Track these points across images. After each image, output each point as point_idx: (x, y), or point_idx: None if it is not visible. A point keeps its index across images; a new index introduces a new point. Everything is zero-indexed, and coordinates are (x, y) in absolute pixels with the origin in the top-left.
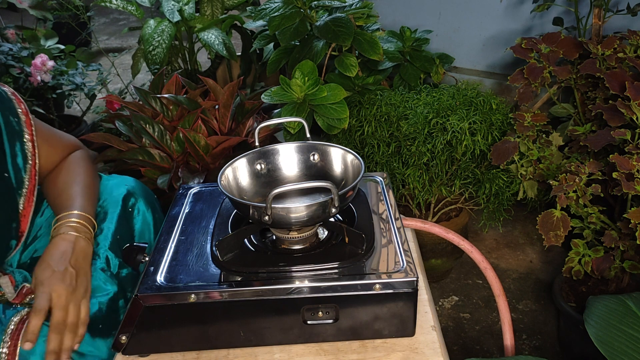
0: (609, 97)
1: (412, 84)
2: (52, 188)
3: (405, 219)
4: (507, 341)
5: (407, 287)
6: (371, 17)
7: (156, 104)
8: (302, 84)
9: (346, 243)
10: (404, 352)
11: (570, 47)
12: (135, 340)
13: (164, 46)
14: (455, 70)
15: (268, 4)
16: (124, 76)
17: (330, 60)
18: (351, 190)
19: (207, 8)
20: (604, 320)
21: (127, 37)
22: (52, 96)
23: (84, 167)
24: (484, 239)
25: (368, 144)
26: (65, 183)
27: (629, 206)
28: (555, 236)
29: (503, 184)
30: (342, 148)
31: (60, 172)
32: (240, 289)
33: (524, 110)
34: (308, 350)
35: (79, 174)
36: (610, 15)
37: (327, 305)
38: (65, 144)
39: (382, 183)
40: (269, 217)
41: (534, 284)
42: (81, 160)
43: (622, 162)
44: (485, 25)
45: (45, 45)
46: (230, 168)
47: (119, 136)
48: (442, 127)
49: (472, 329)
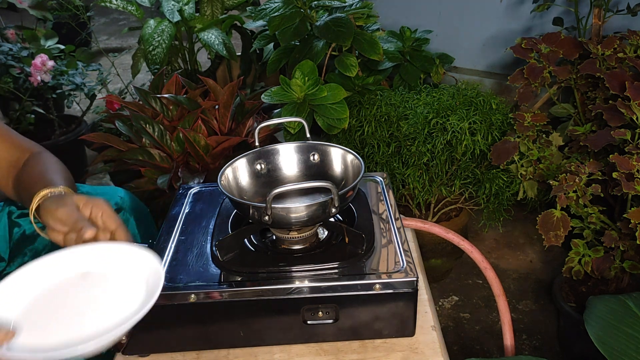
0: (609, 97)
1: (412, 84)
2: (25, 180)
3: (405, 219)
4: (507, 341)
5: (407, 287)
6: (371, 17)
7: (156, 104)
8: (302, 84)
9: (346, 243)
10: (404, 352)
11: (570, 47)
12: (135, 340)
13: (164, 46)
14: (455, 70)
15: (268, 4)
16: (124, 76)
17: (330, 60)
18: (351, 190)
19: (207, 8)
20: (604, 320)
21: (127, 37)
22: (52, 96)
23: (56, 160)
24: (484, 239)
25: (368, 144)
26: (40, 172)
27: (629, 206)
28: (555, 236)
29: (503, 184)
30: (342, 148)
31: (33, 165)
32: (240, 289)
33: (524, 110)
34: (308, 350)
35: (54, 162)
36: (610, 15)
37: (327, 305)
38: (26, 146)
39: (382, 183)
40: (269, 217)
41: (534, 284)
42: (51, 157)
43: (622, 162)
44: (485, 25)
45: (45, 45)
46: (230, 168)
47: (119, 136)
48: (442, 127)
49: (472, 329)
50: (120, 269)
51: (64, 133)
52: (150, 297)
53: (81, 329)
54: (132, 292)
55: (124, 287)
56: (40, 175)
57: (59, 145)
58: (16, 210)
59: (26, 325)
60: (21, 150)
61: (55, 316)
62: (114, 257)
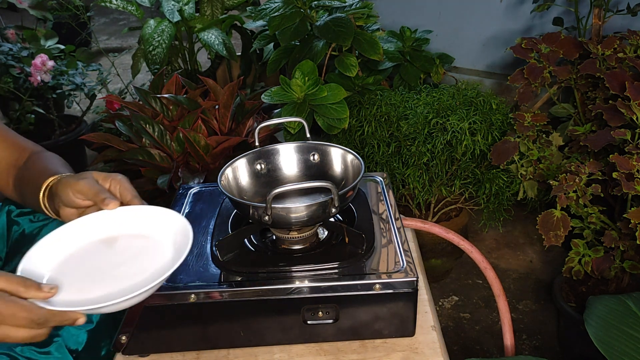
0: (609, 97)
1: (412, 84)
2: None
3: (405, 219)
4: (507, 341)
5: (407, 287)
6: (371, 17)
7: (156, 104)
8: (302, 84)
9: (346, 243)
10: (404, 352)
11: (570, 47)
12: (135, 340)
13: (164, 46)
14: (455, 70)
15: (268, 4)
16: (124, 76)
17: (330, 60)
18: (351, 190)
19: (207, 8)
20: (604, 320)
21: (127, 37)
22: (52, 96)
23: (58, 157)
24: (484, 239)
25: (368, 144)
26: (44, 166)
27: (629, 206)
28: (555, 236)
29: (503, 184)
30: (342, 148)
31: (35, 161)
32: (240, 289)
33: (524, 110)
34: (308, 350)
35: (56, 158)
36: (610, 15)
37: (327, 305)
38: (25, 146)
39: (382, 183)
40: (269, 217)
41: (534, 284)
42: (52, 154)
43: (622, 162)
44: (485, 25)
45: (45, 45)
46: (230, 168)
47: (119, 136)
48: (442, 127)
49: (472, 329)
50: (147, 229)
51: (64, 133)
52: (181, 251)
53: (116, 285)
54: (162, 249)
55: (153, 244)
56: (45, 168)
57: (59, 145)
58: (15, 209)
59: (61, 283)
60: (21, 150)
61: (89, 274)
62: (141, 219)
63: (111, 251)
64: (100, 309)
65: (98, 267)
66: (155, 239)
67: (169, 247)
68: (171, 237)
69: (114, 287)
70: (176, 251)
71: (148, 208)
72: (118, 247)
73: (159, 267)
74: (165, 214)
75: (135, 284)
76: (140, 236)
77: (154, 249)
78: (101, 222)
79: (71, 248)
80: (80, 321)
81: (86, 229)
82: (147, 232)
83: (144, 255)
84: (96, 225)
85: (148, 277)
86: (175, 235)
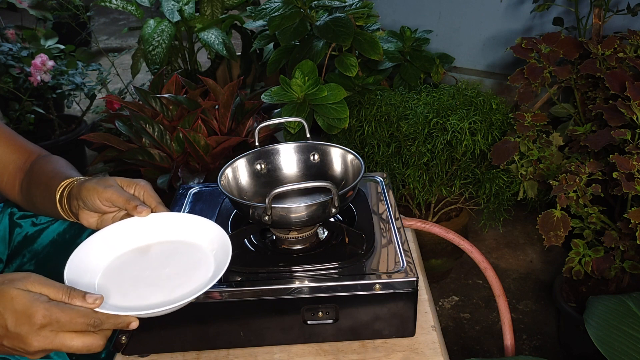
0: (609, 97)
1: (412, 84)
2: (36, 180)
3: (405, 219)
4: (507, 341)
5: (407, 287)
6: (371, 17)
7: (156, 104)
8: (302, 83)
9: (346, 243)
10: (404, 352)
11: (570, 47)
12: (135, 340)
13: (164, 46)
14: (455, 70)
15: (268, 4)
16: (124, 76)
17: (330, 60)
18: (351, 190)
19: (207, 8)
20: (604, 320)
21: (127, 37)
22: (52, 96)
23: (65, 161)
24: (484, 239)
25: (368, 144)
26: (55, 169)
27: (629, 206)
28: (555, 236)
29: (503, 184)
30: (342, 148)
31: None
32: (240, 289)
33: (524, 110)
34: (308, 350)
35: (64, 162)
36: (610, 15)
37: (327, 305)
38: (32, 150)
39: (382, 183)
40: (269, 217)
41: (534, 284)
42: (59, 158)
43: (622, 162)
44: (485, 25)
45: (45, 45)
46: (230, 168)
47: (119, 136)
48: (442, 127)
49: (472, 329)
50: (186, 237)
51: (64, 133)
52: (223, 263)
53: (161, 291)
54: (199, 255)
55: (193, 252)
56: (55, 171)
57: (59, 145)
58: (17, 211)
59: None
60: (28, 153)
61: (133, 280)
62: (175, 225)
63: (150, 258)
64: (153, 314)
65: (139, 274)
66: (190, 245)
67: (206, 253)
68: (207, 243)
69: (159, 292)
70: (215, 257)
71: (180, 215)
72: (155, 254)
73: (201, 273)
74: (197, 221)
75: (181, 289)
76: (177, 243)
77: (190, 254)
78: (136, 229)
79: (111, 255)
80: (133, 325)
81: (122, 236)
82: (182, 239)
83: (181, 260)
84: (132, 232)
85: (192, 283)
86: (211, 243)
